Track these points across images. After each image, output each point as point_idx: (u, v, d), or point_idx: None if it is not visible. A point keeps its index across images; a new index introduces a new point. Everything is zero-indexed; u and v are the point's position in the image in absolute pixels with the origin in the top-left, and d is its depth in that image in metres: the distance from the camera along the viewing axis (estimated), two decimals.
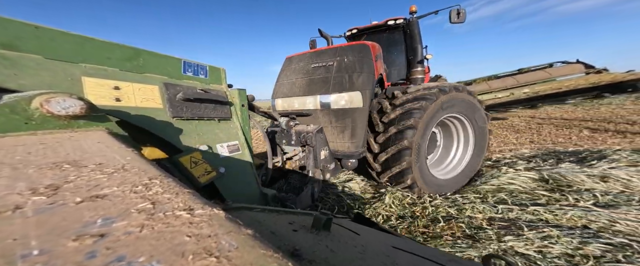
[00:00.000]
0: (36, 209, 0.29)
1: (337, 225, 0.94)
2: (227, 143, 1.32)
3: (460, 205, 2.57)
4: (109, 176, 0.41)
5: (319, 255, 0.59)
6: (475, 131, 3.30)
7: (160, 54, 1.14)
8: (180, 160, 1.05)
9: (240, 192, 1.34)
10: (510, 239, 1.98)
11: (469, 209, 2.48)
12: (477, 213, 2.43)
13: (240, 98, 1.49)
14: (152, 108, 1.03)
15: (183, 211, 0.33)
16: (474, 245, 1.97)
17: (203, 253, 0.25)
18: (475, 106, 3.19)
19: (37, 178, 0.37)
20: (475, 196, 2.79)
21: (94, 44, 0.92)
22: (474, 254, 1.86)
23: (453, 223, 2.27)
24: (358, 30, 4.77)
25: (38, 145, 0.50)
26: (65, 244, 0.24)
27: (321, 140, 2.70)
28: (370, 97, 2.88)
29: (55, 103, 0.60)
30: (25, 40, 0.77)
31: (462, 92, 2.98)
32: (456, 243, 2.02)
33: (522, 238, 1.98)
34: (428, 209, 2.55)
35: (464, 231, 2.17)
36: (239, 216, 0.79)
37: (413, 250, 0.97)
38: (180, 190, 0.39)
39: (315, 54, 3.14)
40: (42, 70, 0.78)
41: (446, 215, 2.46)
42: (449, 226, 2.26)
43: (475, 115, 3.21)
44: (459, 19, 3.91)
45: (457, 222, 2.28)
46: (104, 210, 0.31)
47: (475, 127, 3.27)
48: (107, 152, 0.51)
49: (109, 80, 0.92)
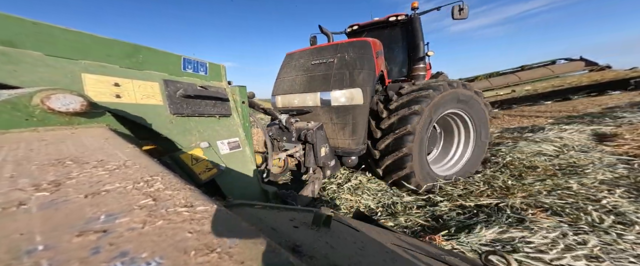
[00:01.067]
0: (40, 205, 0.30)
1: (337, 221, 0.95)
2: (228, 140, 1.32)
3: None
4: (110, 172, 0.41)
5: (320, 251, 0.59)
6: (475, 127, 3.29)
7: (160, 51, 1.13)
8: (181, 157, 1.06)
9: (241, 188, 1.35)
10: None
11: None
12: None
13: (241, 95, 1.49)
14: (152, 105, 1.03)
15: (184, 208, 0.33)
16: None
17: (204, 249, 0.25)
18: (477, 102, 3.18)
19: (40, 174, 0.37)
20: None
21: (93, 41, 0.92)
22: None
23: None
24: (359, 26, 4.74)
25: (40, 141, 0.50)
26: (69, 240, 0.24)
27: (321, 137, 2.70)
28: (371, 94, 2.87)
29: (56, 100, 0.60)
30: (24, 37, 0.76)
31: (458, 88, 2.96)
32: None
33: None
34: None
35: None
36: (239, 213, 0.80)
37: (413, 246, 0.98)
38: (182, 186, 0.39)
39: (316, 51, 3.12)
40: (42, 67, 0.78)
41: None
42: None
43: (476, 111, 3.20)
44: (462, 15, 3.88)
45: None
46: (107, 206, 0.31)
47: (476, 123, 3.27)
48: (109, 149, 0.52)
49: (109, 76, 0.92)
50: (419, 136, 2.67)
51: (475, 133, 3.32)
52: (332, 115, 2.78)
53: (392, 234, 1.29)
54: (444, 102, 2.86)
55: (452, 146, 3.57)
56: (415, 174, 2.80)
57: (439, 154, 3.69)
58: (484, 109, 3.30)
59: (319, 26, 4.09)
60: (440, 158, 3.62)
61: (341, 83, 2.72)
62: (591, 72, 7.90)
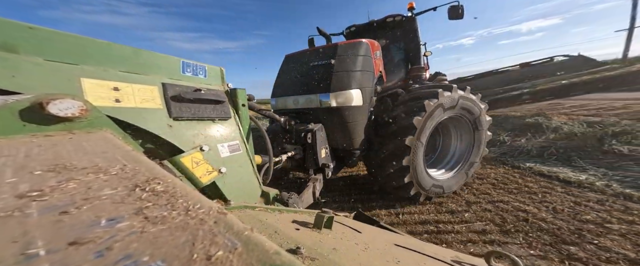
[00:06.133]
0: (40, 210, 0.29)
1: (338, 223, 0.95)
2: (228, 143, 1.32)
3: None
4: (111, 177, 0.41)
5: (322, 252, 0.59)
6: (472, 127, 3.30)
7: (159, 54, 1.13)
8: (181, 160, 1.05)
9: (241, 191, 1.34)
10: None
11: None
12: None
13: (240, 98, 1.49)
14: (152, 109, 1.03)
15: (186, 211, 0.33)
16: None
17: (206, 252, 0.25)
18: (473, 103, 3.19)
19: (40, 179, 0.37)
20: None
21: (92, 45, 0.92)
22: None
23: None
24: (357, 27, 4.76)
25: (39, 147, 0.50)
26: (71, 244, 0.24)
27: (321, 138, 2.69)
28: (370, 94, 2.88)
29: (55, 105, 0.60)
30: (22, 42, 0.76)
31: (455, 92, 2.97)
32: None
33: None
34: None
35: None
36: (241, 215, 0.80)
37: (415, 247, 0.98)
38: (183, 190, 0.39)
39: (314, 52, 3.13)
40: (41, 72, 0.78)
41: None
42: None
43: (473, 111, 3.21)
44: (458, 15, 3.90)
45: None
46: (108, 210, 0.31)
47: (473, 123, 3.28)
48: (108, 153, 0.51)
49: (108, 81, 0.92)
50: (414, 147, 2.67)
51: (472, 129, 3.33)
52: (331, 116, 2.78)
53: (394, 235, 1.29)
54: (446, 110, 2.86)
55: (451, 143, 3.57)
56: (414, 183, 2.80)
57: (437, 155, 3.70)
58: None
59: (317, 28, 4.10)
60: (439, 158, 3.62)
61: (340, 84, 2.72)
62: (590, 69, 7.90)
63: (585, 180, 3.32)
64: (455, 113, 3.02)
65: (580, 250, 1.96)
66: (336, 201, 3.28)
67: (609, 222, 2.32)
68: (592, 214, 2.48)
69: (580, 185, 3.24)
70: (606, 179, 3.32)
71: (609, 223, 2.31)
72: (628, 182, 3.16)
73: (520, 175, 3.75)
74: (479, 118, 3.25)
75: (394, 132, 2.70)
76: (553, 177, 3.56)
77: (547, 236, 2.17)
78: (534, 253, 1.97)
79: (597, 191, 3.03)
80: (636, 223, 2.26)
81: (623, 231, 2.16)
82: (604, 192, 2.99)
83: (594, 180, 3.32)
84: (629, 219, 2.34)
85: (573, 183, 3.30)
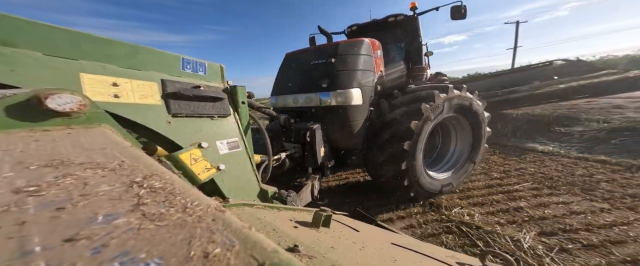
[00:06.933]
0: (37, 206, 0.29)
1: (336, 221, 0.95)
2: (227, 140, 1.31)
3: None
4: (108, 173, 0.40)
5: (319, 251, 0.59)
6: (471, 126, 3.30)
7: (158, 51, 1.13)
8: (180, 157, 1.05)
9: (240, 188, 1.34)
10: None
11: None
12: None
13: (240, 95, 1.49)
14: (151, 105, 1.03)
15: (183, 208, 0.33)
16: None
17: (204, 249, 0.25)
18: (471, 102, 3.18)
19: (37, 175, 0.36)
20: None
21: (91, 41, 0.91)
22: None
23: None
24: (358, 26, 4.74)
25: (36, 141, 0.50)
26: (67, 240, 0.24)
27: (320, 137, 2.69)
28: (370, 94, 2.87)
29: (53, 100, 0.60)
30: (20, 36, 0.76)
31: (451, 92, 2.96)
32: None
33: None
34: None
35: None
36: (239, 213, 0.79)
37: (412, 246, 0.98)
38: (181, 187, 0.39)
39: (315, 51, 3.12)
40: (40, 67, 0.77)
41: None
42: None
43: (471, 110, 3.21)
44: (461, 15, 3.89)
45: None
46: (105, 206, 0.31)
47: (472, 122, 3.27)
48: (107, 149, 0.51)
49: (107, 76, 0.91)
50: (414, 148, 2.66)
51: (471, 128, 3.34)
52: (331, 115, 2.77)
53: (391, 234, 1.29)
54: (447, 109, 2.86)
55: (450, 143, 3.58)
56: (413, 184, 2.80)
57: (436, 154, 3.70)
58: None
59: (319, 27, 4.09)
60: (438, 157, 3.63)
61: (341, 83, 2.72)
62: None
63: (552, 150, 4.75)
64: (453, 113, 3.02)
65: (588, 188, 3.17)
66: (334, 201, 3.29)
67: (593, 174, 3.58)
68: (581, 170, 3.73)
69: (552, 153, 4.60)
70: (563, 149, 4.78)
71: (594, 175, 3.56)
72: (577, 149, 4.70)
73: (513, 150, 5.08)
74: (478, 116, 3.25)
75: (392, 136, 2.68)
76: (530, 149, 5.02)
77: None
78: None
79: (564, 156, 4.40)
80: (600, 172, 3.62)
81: (602, 176, 3.49)
82: (569, 156, 4.35)
83: (557, 149, 4.75)
84: (599, 171, 3.69)
85: (547, 153, 4.68)
